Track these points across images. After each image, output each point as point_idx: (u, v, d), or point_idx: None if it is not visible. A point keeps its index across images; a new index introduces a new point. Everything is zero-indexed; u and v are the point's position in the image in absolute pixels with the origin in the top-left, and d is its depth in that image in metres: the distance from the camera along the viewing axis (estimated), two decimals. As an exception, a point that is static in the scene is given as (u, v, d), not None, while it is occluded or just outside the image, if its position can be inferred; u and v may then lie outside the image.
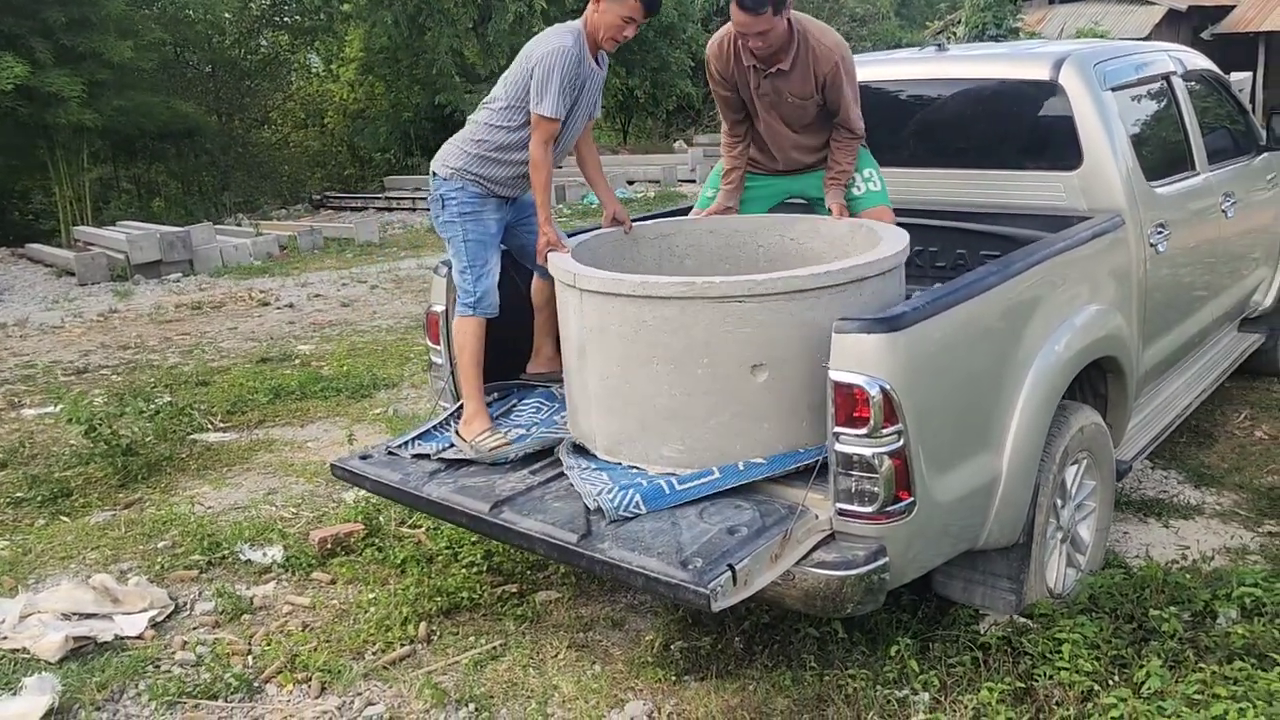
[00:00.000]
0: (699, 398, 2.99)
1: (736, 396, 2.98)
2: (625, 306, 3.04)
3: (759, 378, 2.95)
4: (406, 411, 5.88)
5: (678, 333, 2.96)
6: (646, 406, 3.07)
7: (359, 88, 23.00)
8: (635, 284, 3.04)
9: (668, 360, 2.99)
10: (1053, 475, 3.21)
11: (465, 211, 3.60)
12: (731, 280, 2.95)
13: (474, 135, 3.61)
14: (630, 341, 3.05)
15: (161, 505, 4.73)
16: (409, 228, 14.91)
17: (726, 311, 2.91)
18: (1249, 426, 5.08)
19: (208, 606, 3.78)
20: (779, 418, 3.00)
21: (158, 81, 17.44)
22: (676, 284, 2.97)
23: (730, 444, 3.02)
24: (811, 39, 3.67)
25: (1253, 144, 5.09)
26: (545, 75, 3.42)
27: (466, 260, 3.59)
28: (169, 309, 9.62)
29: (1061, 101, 3.85)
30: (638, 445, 3.14)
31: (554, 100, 3.42)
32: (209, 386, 6.72)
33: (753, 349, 2.94)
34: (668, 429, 3.06)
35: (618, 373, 3.11)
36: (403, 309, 9.23)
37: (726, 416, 3.00)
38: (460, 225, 3.60)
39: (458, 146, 3.64)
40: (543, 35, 3.56)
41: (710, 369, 2.95)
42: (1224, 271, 4.69)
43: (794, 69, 3.69)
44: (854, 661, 3.13)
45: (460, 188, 3.61)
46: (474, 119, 3.65)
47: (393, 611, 3.58)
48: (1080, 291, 3.44)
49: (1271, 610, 3.14)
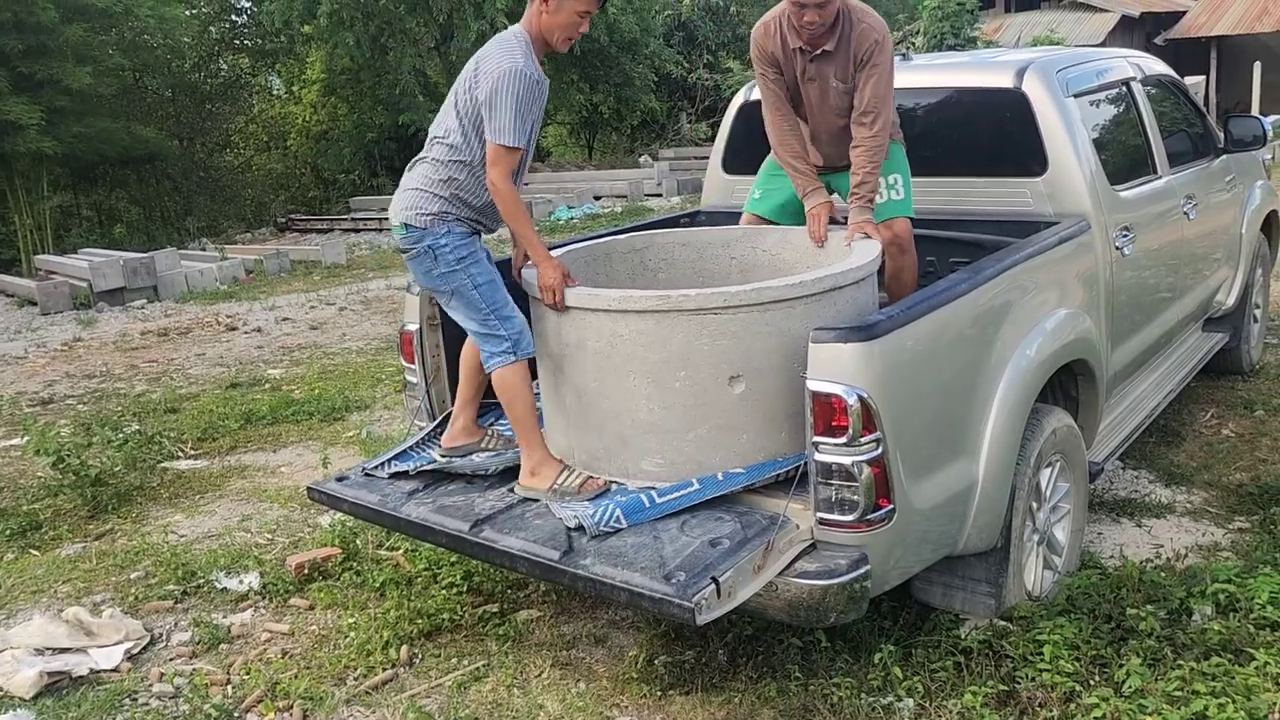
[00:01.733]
0: (677, 410, 3.00)
1: (715, 408, 2.98)
2: (601, 321, 3.05)
3: (736, 389, 2.96)
4: (380, 433, 5.84)
5: (654, 346, 2.96)
6: (625, 421, 3.08)
7: (321, 109, 22.92)
8: (612, 298, 3.04)
9: (645, 374, 2.99)
10: (1028, 478, 3.24)
11: (463, 256, 3.25)
12: (707, 293, 2.95)
13: (439, 176, 3.25)
14: (607, 356, 3.05)
15: (133, 535, 4.67)
16: (376, 248, 14.84)
17: (703, 324, 2.92)
18: (1216, 425, 5.15)
19: (184, 636, 3.73)
20: (757, 428, 3.01)
21: (117, 107, 17.33)
22: (652, 297, 2.98)
23: (710, 456, 3.03)
24: (855, 17, 3.56)
25: (1211, 147, 5.18)
26: (500, 102, 3.09)
27: (487, 306, 3.24)
28: (135, 336, 9.51)
29: (1025, 109, 3.90)
30: (617, 460, 3.14)
31: (513, 128, 3.11)
32: (178, 414, 6.65)
33: (729, 360, 2.95)
34: (647, 443, 3.06)
35: (595, 388, 3.11)
36: (373, 330, 9.18)
37: (705, 429, 3.00)
38: (464, 272, 3.24)
39: (427, 192, 3.25)
40: (486, 54, 3.22)
41: (688, 381, 2.96)
42: (1187, 273, 4.77)
43: (838, 50, 3.58)
44: (838, 670, 3.14)
45: (447, 231, 3.24)
46: (433, 158, 3.27)
47: (373, 635, 3.55)
48: (1049, 296, 3.48)
49: (1245, 605, 3.18)
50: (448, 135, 3.26)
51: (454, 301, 3.30)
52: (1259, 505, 4.19)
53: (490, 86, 3.12)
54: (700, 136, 23.07)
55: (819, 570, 2.72)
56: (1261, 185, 5.75)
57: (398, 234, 3.33)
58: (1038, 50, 4.87)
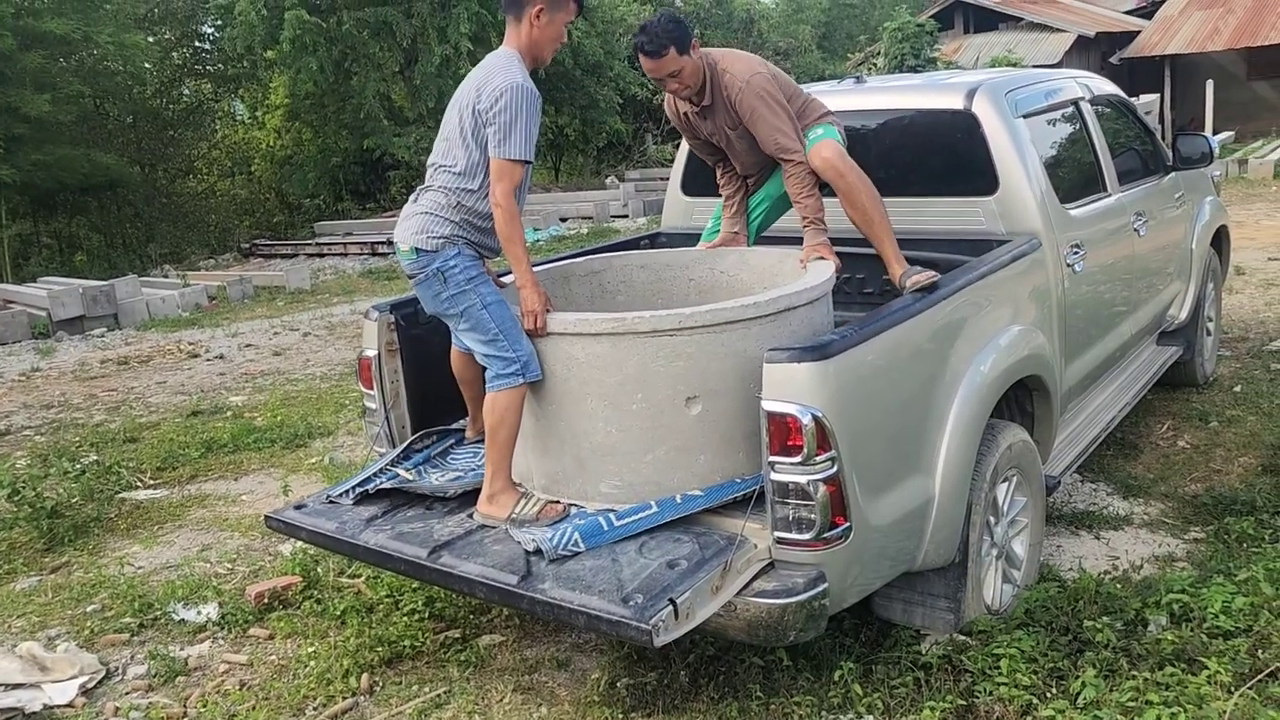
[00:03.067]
0: (635, 433, 3.01)
1: (672, 430, 3.00)
2: (558, 344, 3.06)
3: (693, 410, 2.98)
4: (343, 459, 5.80)
5: (610, 369, 2.97)
6: (583, 444, 3.08)
7: (285, 134, 22.86)
8: (567, 322, 3.05)
9: (602, 396, 3.00)
10: (984, 493, 3.27)
11: (472, 276, 3.23)
12: (662, 314, 2.97)
13: (449, 203, 3.24)
14: (564, 379, 3.06)
15: (90, 568, 4.60)
16: (341, 273, 14.78)
17: (658, 346, 2.93)
18: (1172, 437, 5.22)
19: (140, 670, 3.68)
20: (715, 449, 3.02)
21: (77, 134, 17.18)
22: (607, 320, 2.99)
23: (668, 477, 3.04)
24: (719, 70, 3.65)
25: (1161, 164, 5.28)
26: (511, 117, 3.11)
27: (496, 326, 3.18)
28: (94, 365, 9.40)
29: (975, 129, 3.97)
30: (575, 483, 3.14)
31: (523, 142, 3.13)
32: (138, 443, 6.56)
33: (686, 382, 2.96)
34: (605, 465, 3.07)
35: (553, 411, 3.12)
36: (337, 355, 9.12)
37: (663, 450, 3.01)
38: (474, 292, 3.22)
39: (437, 216, 3.24)
40: (486, 74, 3.23)
41: (645, 404, 2.97)
42: (1140, 288, 4.85)
43: (715, 104, 3.73)
44: (799, 689, 3.14)
45: (457, 253, 3.23)
46: (441, 186, 3.26)
47: (333, 664, 3.51)
48: (1003, 313, 3.53)
49: (1199, 615, 3.22)
50: (455, 163, 3.25)
51: (463, 324, 3.26)
52: (1214, 515, 4.25)
53: (499, 103, 3.12)
54: (666, 158, 23.20)
55: (777, 589, 2.73)
56: (1211, 201, 5.87)
57: (406, 259, 3.31)
58: (988, 72, 4.96)
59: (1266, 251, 9.93)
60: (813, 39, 29.08)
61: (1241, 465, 4.78)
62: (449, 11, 18.84)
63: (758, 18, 27.36)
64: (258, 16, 17.67)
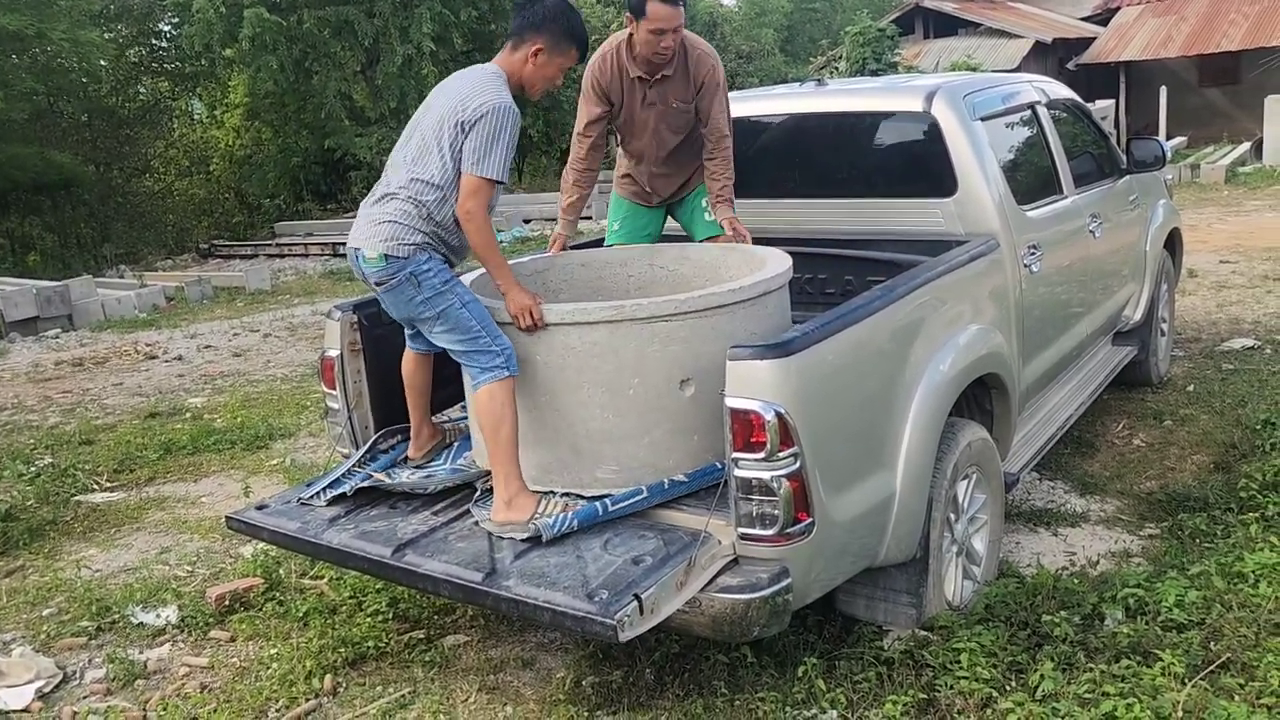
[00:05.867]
0: (631, 417, 3.06)
1: (667, 412, 3.06)
2: (553, 335, 3.09)
3: (687, 392, 3.05)
4: (305, 461, 5.75)
5: (607, 356, 3.02)
6: (579, 431, 3.12)
7: (245, 133, 22.61)
8: (564, 312, 3.10)
9: (598, 384, 3.05)
10: (945, 490, 3.32)
11: (447, 279, 3.21)
12: (659, 300, 3.06)
13: (418, 212, 3.19)
14: (559, 369, 3.10)
15: (45, 571, 4.53)
16: (302, 274, 14.65)
17: (654, 331, 3.00)
18: (1127, 435, 5.32)
19: (98, 674, 3.62)
20: (707, 428, 3.08)
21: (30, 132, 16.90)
22: (605, 308, 3.05)
23: (663, 459, 3.09)
24: (689, 44, 3.93)
25: (1115, 168, 5.37)
26: (491, 136, 3.11)
27: (477, 324, 3.17)
28: (48, 367, 9.24)
29: (935, 132, 4.02)
30: (570, 471, 3.17)
31: (500, 162, 3.14)
32: (93, 445, 6.46)
33: (680, 365, 3.03)
34: (602, 451, 3.11)
35: (545, 402, 3.15)
36: (298, 356, 9.04)
37: (660, 433, 3.07)
38: (450, 293, 3.19)
39: (407, 225, 3.18)
40: (471, 88, 3.20)
41: (642, 388, 3.03)
42: (1095, 289, 4.93)
43: (676, 74, 3.92)
44: (763, 685, 3.17)
45: (428, 258, 3.20)
46: (413, 197, 3.19)
47: (296, 666, 3.49)
48: (961, 312, 3.58)
49: (1154, 609, 3.29)
50: (429, 175, 3.19)
51: (440, 326, 3.22)
52: (1168, 512, 4.33)
53: (482, 121, 3.11)
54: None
55: (741, 585, 2.75)
56: (1164, 204, 5.98)
57: (372, 266, 3.21)
58: (947, 76, 5.02)
59: (1219, 254, 10.13)
60: (775, 42, 29.29)
61: (1195, 463, 4.88)
62: (411, 11, 18.75)
63: (720, 21, 27.49)
64: (216, 14, 17.49)
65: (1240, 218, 12.87)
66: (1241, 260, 9.83)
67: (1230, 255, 10.10)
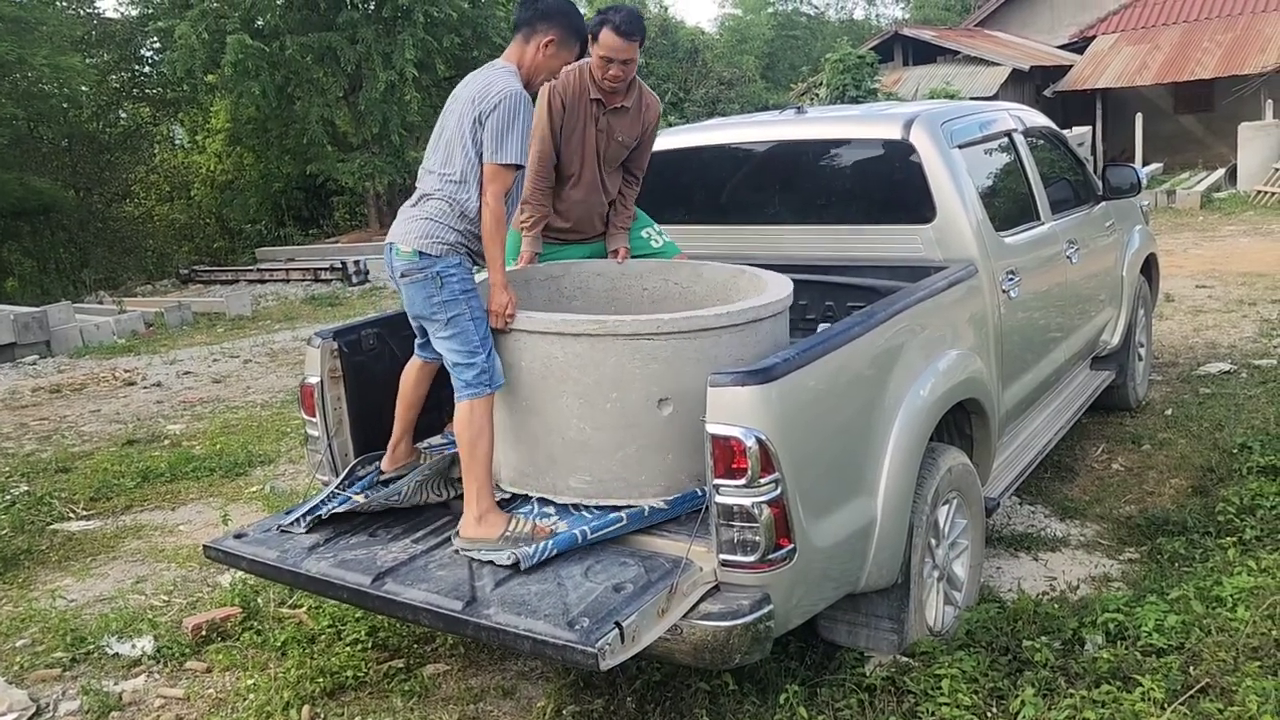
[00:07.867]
0: (607, 431, 3.06)
1: (643, 429, 3.06)
2: (538, 343, 3.12)
3: (664, 411, 3.05)
4: (285, 488, 5.71)
5: (588, 368, 3.04)
6: (555, 439, 3.13)
7: (226, 159, 22.59)
8: (550, 321, 3.11)
9: (578, 395, 3.06)
10: (926, 515, 3.32)
11: (467, 288, 3.25)
12: (642, 319, 3.07)
13: (452, 210, 3.25)
14: (541, 377, 3.12)
15: (19, 601, 4.47)
16: (283, 299, 14.59)
17: (636, 348, 3.01)
18: (1106, 459, 5.35)
19: (72, 706, 3.57)
20: (681, 449, 3.08)
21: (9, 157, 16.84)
22: (588, 322, 3.07)
23: (635, 474, 3.09)
24: (641, 86, 4.04)
25: (1091, 194, 5.43)
26: (507, 122, 3.16)
27: (478, 338, 3.20)
28: (25, 393, 9.16)
29: (913, 159, 4.05)
30: (545, 477, 3.19)
31: (518, 146, 3.18)
32: (70, 473, 6.40)
33: (659, 383, 3.03)
34: (576, 461, 3.12)
35: (526, 407, 3.17)
36: (278, 382, 8.99)
37: (633, 448, 3.08)
38: (465, 303, 3.23)
39: (442, 224, 3.25)
40: (486, 82, 3.26)
41: (619, 403, 3.04)
42: (1073, 314, 4.97)
43: (630, 110, 4.00)
44: (745, 713, 3.15)
45: (458, 263, 3.26)
46: (446, 196, 3.26)
47: (273, 696, 3.44)
48: (941, 337, 3.60)
49: (1134, 633, 3.30)
50: (454, 171, 3.28)
51: (445, 331, 3.25)
52: (1147, 536, 4.35)
53: (497, 109, 3.18)
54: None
55: (722, 612, 2.74)
56: (1140, 230, 6.05)
57: (403, 259, 3.28)
58: (925, 103, 5.07)
59: (1195, 279, 10.24)
60: (757, 69, 29.52)
61: (1173, 487, 4.91)
62: (394, 38, 18.82)
63: (702, 48, 27.70)
64: (199, 40, 17.51)
65: (1216, 243, 13.02)
66: (1217, 285, 9.94)
67: (1206, 280, 10.21)
